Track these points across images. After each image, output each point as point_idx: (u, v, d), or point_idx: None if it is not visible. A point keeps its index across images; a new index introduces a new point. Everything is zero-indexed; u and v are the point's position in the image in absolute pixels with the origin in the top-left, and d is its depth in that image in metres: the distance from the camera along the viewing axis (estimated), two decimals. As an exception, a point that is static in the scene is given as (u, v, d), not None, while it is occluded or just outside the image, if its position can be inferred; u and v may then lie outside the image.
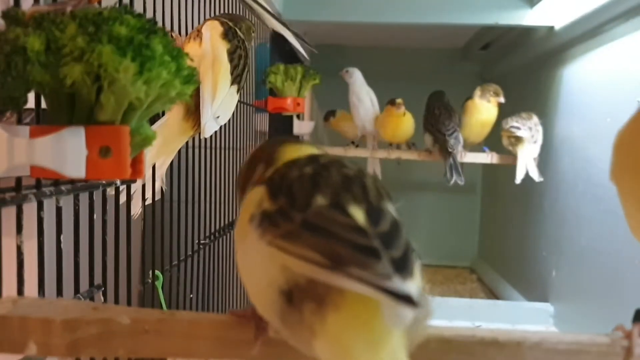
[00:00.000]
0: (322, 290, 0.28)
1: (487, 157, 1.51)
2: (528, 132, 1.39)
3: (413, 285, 0.28)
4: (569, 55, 1.34)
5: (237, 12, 1.05)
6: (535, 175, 1.40)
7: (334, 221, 0.29)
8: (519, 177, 1.40)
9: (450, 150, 1.44)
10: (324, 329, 0.28)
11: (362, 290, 0.27)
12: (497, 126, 1.50)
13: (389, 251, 0.28)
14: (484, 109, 1.48)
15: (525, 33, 1.52)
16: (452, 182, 1.44)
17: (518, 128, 1.39)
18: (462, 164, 1.53)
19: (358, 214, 0.30)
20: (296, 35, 0.46)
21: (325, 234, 0.29)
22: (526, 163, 1.40)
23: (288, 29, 0.46)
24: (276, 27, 0.45)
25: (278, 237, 0.30)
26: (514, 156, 1.43)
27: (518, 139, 1.40)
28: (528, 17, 1.37)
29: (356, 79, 1.52)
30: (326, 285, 0.28)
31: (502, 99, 1.47)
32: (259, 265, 0.31)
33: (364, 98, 1.51)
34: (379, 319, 0.28)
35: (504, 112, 1.52)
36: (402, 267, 0.28)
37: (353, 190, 0.31)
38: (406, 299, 0.26)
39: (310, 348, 0.29)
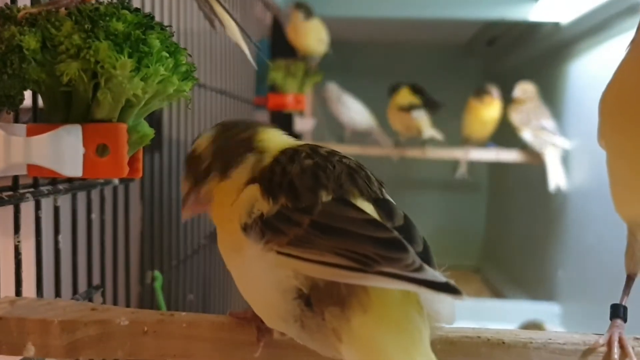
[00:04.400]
0: (345, 291, 0.26)
1: (510, 155, 1.47)
2: (560, 137, 1.32)
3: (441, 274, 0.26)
4: (575, 51, 1.33)
5: (239, 7, 1.04)
6: (563, 181, 1.32)
7: (345, 218, 0.27)
8: (553, 183, 1.31)
9: None
10: (350, 332, 0.26)
11: (399, 287, 0.25)
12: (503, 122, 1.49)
13: (411, 245, 0.27)
14: (482, 109, 1.46)
15: (531, 28, 1.50)
16: None
17: (554, 133, 1.34)
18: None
19: (367, 207, 0.28)
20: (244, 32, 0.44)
21: (340, 233, 0.26)
22: (556, 167, 1.33)
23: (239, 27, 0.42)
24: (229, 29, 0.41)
25: (287, 245, 0.27)
26: (536, 154, 1.38)
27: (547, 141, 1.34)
28: (533, 13, 1.36)
29: (332, 93, 1.50)
30: (349, 285, 0.26)
31: (495, 94, 1.45)
32: (267, 276, 0.28)
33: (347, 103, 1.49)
34: (409, 318, 0.26)
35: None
36: (428, 259, 0.27)
37: (357, 182, 0.30)
38: (446, 288, 0.24)
39: (335, 352, 0.27)
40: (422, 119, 1.45)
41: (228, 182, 0.32)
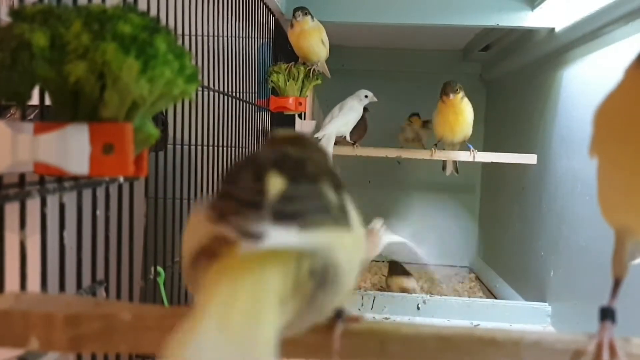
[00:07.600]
0: (216, 246, 0.28)
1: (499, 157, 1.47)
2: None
3: (295, 233, 0.27)
4: (569, 57, 1.35)
5: (242, 11, 1.05)
6: None
7: (242, 188, 0.30)
8: None
9: None
10: (203, 278, 0.28)
11: (224, 232, 0.27)
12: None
13: (287, 207, 0.28)
14: (446, 109, 1.42)
15: (526, 35, 1.52)
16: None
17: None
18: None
19: (276, 182, 0.30)
20: None
21: (228, 197, 0.29)
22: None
23: None
24: None
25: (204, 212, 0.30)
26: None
27: None
28: (529, 19, 1.37)
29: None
30: (219, 241, 0.28)
31: (451, 96, 1.39)
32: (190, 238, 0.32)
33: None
34: (258, 270, 0.27)
35: (506, 113, 1.51)
36: (289, 217, 0.27)
37: (285, 165, 0.31)
38: (254, 237, 0.26)
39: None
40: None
41: None
